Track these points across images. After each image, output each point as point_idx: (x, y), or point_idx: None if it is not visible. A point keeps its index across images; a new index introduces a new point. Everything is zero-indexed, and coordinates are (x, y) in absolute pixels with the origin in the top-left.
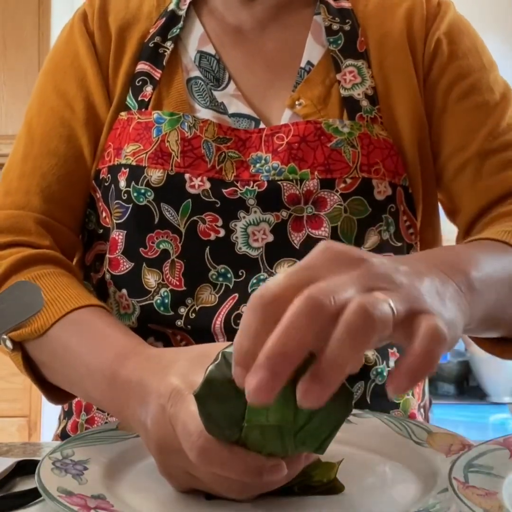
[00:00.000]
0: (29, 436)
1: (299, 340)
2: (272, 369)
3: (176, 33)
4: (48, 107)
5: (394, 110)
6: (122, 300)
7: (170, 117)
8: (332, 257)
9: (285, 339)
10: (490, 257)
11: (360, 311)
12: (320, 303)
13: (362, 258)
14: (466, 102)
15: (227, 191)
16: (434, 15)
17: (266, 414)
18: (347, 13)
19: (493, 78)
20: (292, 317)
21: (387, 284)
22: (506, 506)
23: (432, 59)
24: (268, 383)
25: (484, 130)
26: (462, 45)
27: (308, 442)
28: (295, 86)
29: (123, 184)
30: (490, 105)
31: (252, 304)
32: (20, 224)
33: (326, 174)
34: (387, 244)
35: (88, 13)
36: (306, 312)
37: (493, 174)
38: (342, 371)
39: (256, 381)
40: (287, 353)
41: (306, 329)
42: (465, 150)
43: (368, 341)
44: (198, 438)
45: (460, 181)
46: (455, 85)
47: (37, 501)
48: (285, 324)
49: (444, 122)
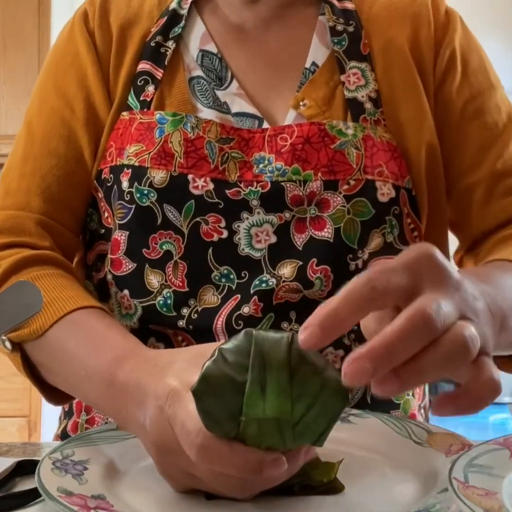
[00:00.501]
0: (29, 436)
1: (402, 350)
2: (373, 366)
3: (177, 32)
4: (48, 107)
5: (399, 114)
6: (124, 300)
7: (173, 118)
8: (436, 268)
9: (392, 348)
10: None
11: (462, 344)
12: (433, 322)
13: (460, 282)
14: (477, 121)
15: (231, 192)
16: (443, 24)
17: (263, 407)
18: (351, 15)
19: (500, 97)
20: (405, 326)
21: (474, 317)
22: (506, 506)
23: (446, 73)
24: (367, 374)
25: (494, 151)
26: (472, 62)
27: (307, 434)
28: (300, 86)
29: (125, 185)
30: (498, 126)
31: (363, 281)
32: (20, 225)
33: (330, 175)
34: (391, 247)
35: (89, 12)
36: (418, 326)
37: (503, 197)
38: (421, 382)
39: (356, 367)
40: (391, 352)
41: (413, 342)
42: (477, 169)
43: (457, 368)
44: (197, 436)
45: (470, 198)
46: (468, 103)
47: (37, 501)
48: (396, 330)
49: (458, 139)
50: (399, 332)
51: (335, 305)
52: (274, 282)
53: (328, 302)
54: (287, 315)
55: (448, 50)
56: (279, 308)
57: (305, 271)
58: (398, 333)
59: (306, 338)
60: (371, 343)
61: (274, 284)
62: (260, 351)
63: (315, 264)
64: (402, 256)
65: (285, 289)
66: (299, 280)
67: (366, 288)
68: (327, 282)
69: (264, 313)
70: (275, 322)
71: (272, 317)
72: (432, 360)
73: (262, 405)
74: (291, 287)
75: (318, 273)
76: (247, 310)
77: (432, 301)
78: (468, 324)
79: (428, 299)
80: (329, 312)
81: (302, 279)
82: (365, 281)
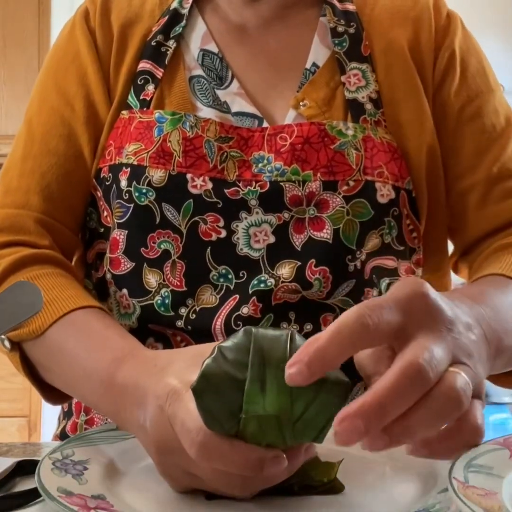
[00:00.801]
0: (29, 436)
1: (395, 407)
2: (365, 426)
3: (178, 32)
4: (48, 105)
5: (399, 116)
6: (122, 299)
7: (172, 117)
8: (428, 309)
9: (384, 406)
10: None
11: (455, 398)
12: (426, 374)
13: (453, 321)
14: (474, 124)
15: (229, 191)
16: (444, 27)
17: (263, 404)
18: (352, 16)
19: (498, 100)
20: (398, 380)
21: (467, 359)
22: (506, 506)
23: (444, 75)
24: (359, 434)
25: (490, 154)
26: (471, 65)
27: (307, 431)
28: (300, 86)
29: (124, 184)
30: (496, 130)
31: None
32: (19, 223)
33: (329, 176)
34: (389, 247)
35: (90, 11)
36: (411, 379)
37: (498, 202)
38: (411, 439)
39: (348, 426)
40: (383, 410)
41: (406, 397)
42: (473, 173)
43: (448, 421)
44: (197, 434)
45: (465, 202)
46: (466, 106)
47: (37, 501)
48: (389, 386)
49: (454, 141)
50: (392, 388)
51: (324, 344)
52: (273, 282)
53: (318, 338)
54: (286, 315)
55: (447, 53)
56: (278, 309)
57: (303, 271)
58: (391, 389)
59: (292, 375)
60: (362, 400)
61: (273, 284)
62: (260, 349)
63: (313, 264)
64: (395, 292)
65: (283, 290)
66: (298, 280)
67: (356, 324)
68: (326, 283)
69: (263, 313)
70: (274, 323)
71: (271, 318)
72: (423, 416)
73: (262, 402)
74: (290, 287)
75: (317, 273)
76: (246, 310)
77: (424, 350)
78: (460, 373)
79: (420, 347)
80: (317, 352)
81: (301, 279)
82: (355, 317)
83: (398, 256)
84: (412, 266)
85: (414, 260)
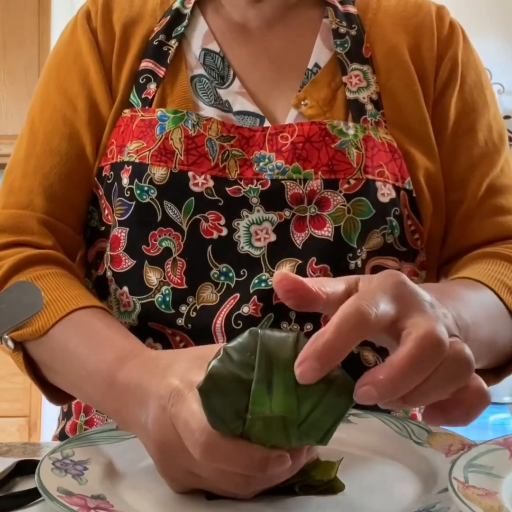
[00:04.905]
0: (29, 436)
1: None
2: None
3: (180, 31)
4: (50, 105)
5: (400, 118)
6: (122, 297)
7: (174, 115)
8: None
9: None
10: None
11: (465, 361)
12: (441, 342)
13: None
14: (468, 138)
15: (231, 189)
16: (447, 37)
17: (269, 405)
18: (353, 19)
19: (493, 115)
20: (416, 352)
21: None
22: (506, 506)
23: (445, 86)
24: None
25: (480, 170)
26: (469, 78)
27: (312, 433)
28: (301, 86)
29: (126, 182)
30: (488, 145)
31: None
32: (23, 224)
33: (330, 174)
34: (391, 248)
35: (91, 11)
36: (429, 348)
37: (483, 218)
38: (425, 403)
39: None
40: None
41: (425, 368)
42: (464, 186)
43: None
44: (201, 435)
45: (453, 214)
46: (461, 119)
47: (37, 501)
48: (408, 358)
49: (449, 153)
50: (412, 361)
51: (331, 337)
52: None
53: (323, 333)
54: (287, 315)
55: (450, 63)
56: (278, 308)
57: (304, 270)
58: (412, 363)
59: (304, 372)
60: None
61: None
62: (266, 350)
63: (314, 263)
64: (378, 283)
65: None
66: None
67: (357, 317)
68: None
69: (264, 313)
70: (274, 322)
71: (272, 317)
72: (439, 381)
73: (268, 403)
74: None
75: (318, 272)
76: (247, 310)
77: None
78: (460, 341)
79: (425, 322)
80: (326, 346)
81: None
82: (355, 310)
83: (400, 258)
84: (415, 269)
85: (418, 262)
